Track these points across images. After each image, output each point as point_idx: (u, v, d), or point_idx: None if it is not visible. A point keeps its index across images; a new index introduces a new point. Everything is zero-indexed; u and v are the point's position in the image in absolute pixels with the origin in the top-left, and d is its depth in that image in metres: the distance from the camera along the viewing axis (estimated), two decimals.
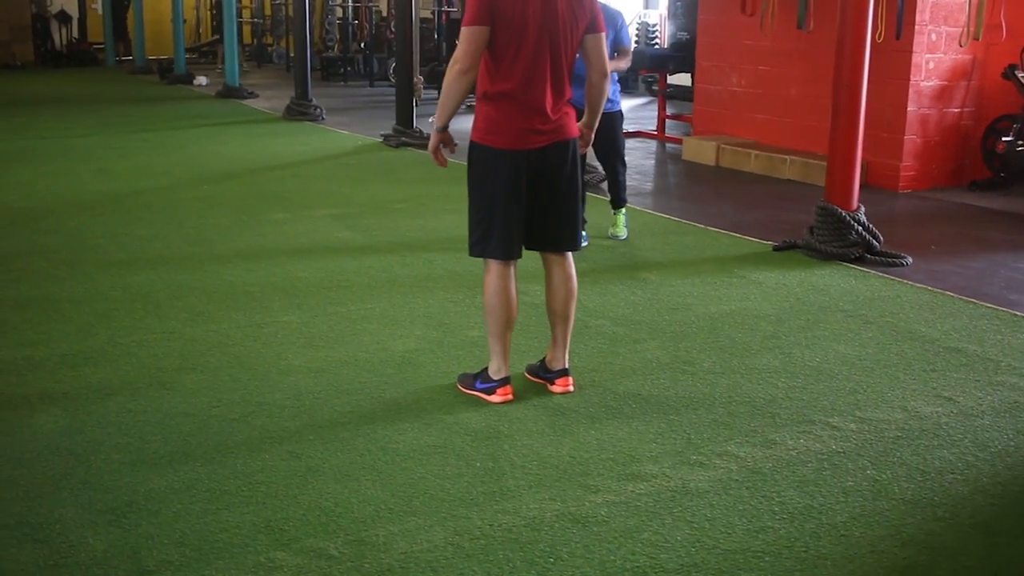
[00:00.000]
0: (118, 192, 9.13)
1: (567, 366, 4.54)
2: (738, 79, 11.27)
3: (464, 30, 4.12)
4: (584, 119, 4.52)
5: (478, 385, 4.46)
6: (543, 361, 4.60)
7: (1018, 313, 5.76)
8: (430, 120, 4.36)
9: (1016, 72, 9.31)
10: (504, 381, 4.41)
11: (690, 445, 3.99)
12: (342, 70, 21.14)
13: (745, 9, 10.44)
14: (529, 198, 4.30)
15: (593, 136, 4.61)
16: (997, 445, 4.04)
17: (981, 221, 8.34)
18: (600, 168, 9.42)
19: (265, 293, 6.00)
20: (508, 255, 4.30)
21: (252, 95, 17.34)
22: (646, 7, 19.21)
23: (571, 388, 4.51)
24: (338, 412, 4.29)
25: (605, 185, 7.73)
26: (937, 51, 9.34)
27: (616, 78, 7.13)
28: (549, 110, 4.24)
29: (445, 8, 18.01)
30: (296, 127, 13.92)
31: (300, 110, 14.63)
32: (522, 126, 4.21)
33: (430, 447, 3.96)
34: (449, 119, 4.31)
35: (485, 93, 4.25)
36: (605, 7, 6.48)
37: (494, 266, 4.33)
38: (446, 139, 4.38)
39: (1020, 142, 9.17)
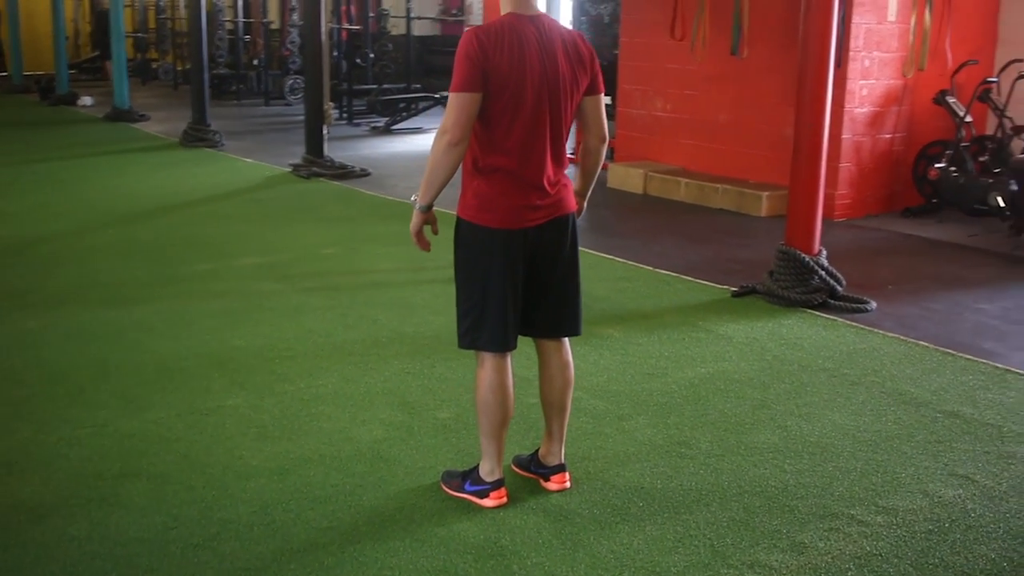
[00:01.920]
0: (17, 240, 8.39)
1: (563, 461, 4.12)
2: (663, 103, 11.01)
3: (453, 96, 3.62)
4: (578, 187, 4.10)
5: (468, 487, 4.01)
6: (535, 455, 4.17)
7: (999, 365, 5.55)
8: (412, 199, 3.88)
9: (947, 97, 9.23)
10: (498, 483, 3.96)
11: (716, 555, 3.61)
12: (234, 88, 20.36)
13: (674, 33, 10.17)
14: (526, 280, 3.86)
15: (584, 207, 4.19)
16: None
17: (927, 253, 8.19)
18: None
19: (202, 369, 5.45)
20: (505, 347, 3.85)
21: (143, 117, 16.52)
22: None
23: (568, 485, 4.09)
24: (315, 529, 3.79)
25: None
26: (870, 77, 9.20)
27: None
28: (548, 184, 3.79)
29: (344, 25, 17.42)
30: (196, 155, 13.23)
31: (198, 135, 13.92)
32: (519, 203, 3.75)
33: (430, 572, 3.50)
34: (435, 198, 3.81)
35: (476, 165, 3.77)
36: None
37: (489, 360, 3.88)
38: (430, 219, 3.89)
39: (953, 168, 9.07)
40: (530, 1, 3.74)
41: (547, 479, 4.09)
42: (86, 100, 18.79)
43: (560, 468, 4.10)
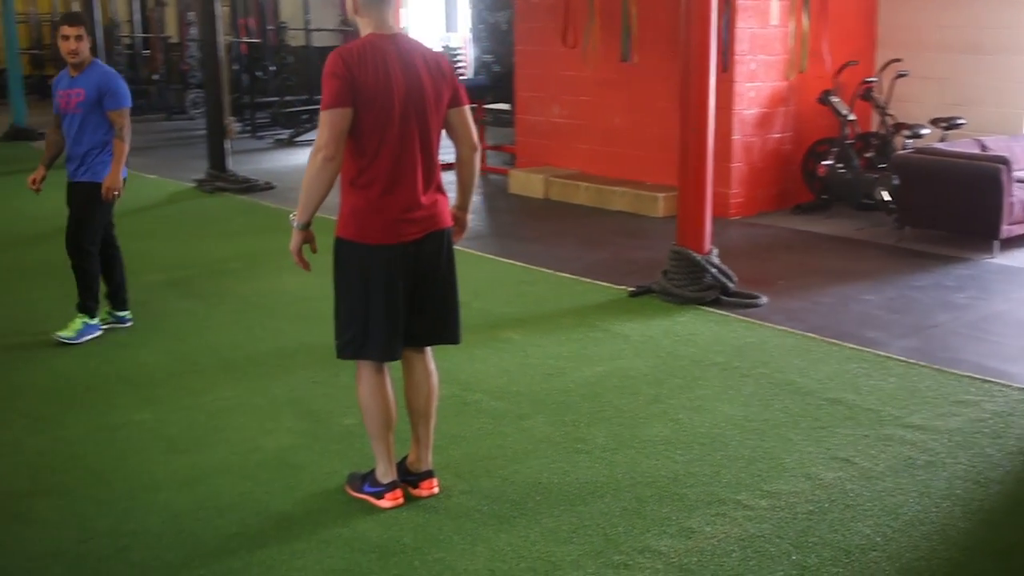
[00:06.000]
0: None
1: (431, 467, 4.24)
2: (560, 109, 11.24)
3: (324, 114, 3.74)
4: (457, 201, 4.22)
5: (366, 488, 4.15)
6: (403, 461, 4.26)
7: (880, 353, 5.85)
8: (291, 217, 3.95)
9: (831, 97, 9.59)
10: (392, 485, 4.11)
11: (608, 543, 3.81)
12: (135, 103, 20.12)
13: (566, 40, 10.40)
14: (406, 293, 3.96)
15: (469, 220, 4.34)
16: (907, 512, 4.02)
17: (816, 248, 8.52)
18: None
19: (109, 385, 5.51)
20: (391, 356, 4.01)
21: (41, 136, 16.24)
22: (447, 30, 19.07)
23: (436, 490, 4.20)
24: (224, 535, 3.91)
25: None
26: (756, 79, 9.53)
27: (105, 141, 6.14)
28: (421, 197, 3.91)
29: (244, 39, 17.37)
30: None
31: None
32: (394, 217, 3.86)
33: (335, 572, 3.65)
34: (312, 215, 3.89)
35: (350, 182, 3.88)
36: (105, 71, 6.26)
37: (367, 368, 4.02)
38: (309, 238, 3.96)
39: (840, 165, 9.45)
40: (388, 21, 3.88)
41: (416, 486, 4.20)
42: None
43: (428, 474, 4.22)
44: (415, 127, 3.87)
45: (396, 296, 3.91)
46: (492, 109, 13.38)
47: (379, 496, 4.11)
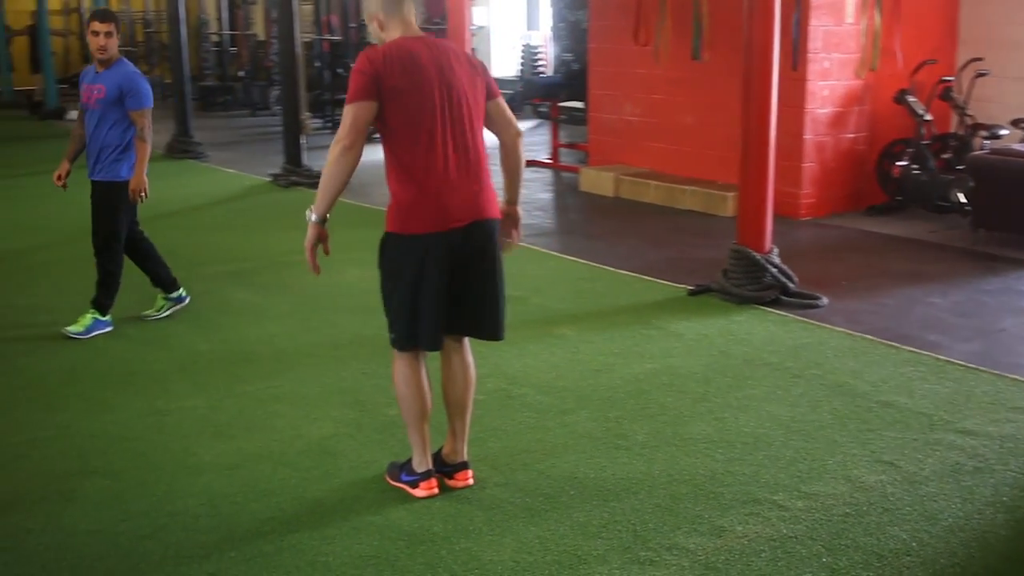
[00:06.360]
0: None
1: (466, 458, 4.25)
2: (632, 108, 11.19)
3: (346, 108, 3.78)
4: (507, 195, 4.23)
5: (403, 477, 4.19)
6: (439, 453, 4.28)
7: (940, 357, 5.71)
8: (307, 211, 3.97)
9: (907, 96, 9.39)
10: (427, 474, 4.14)
11: (637, 539, 3.79)
12: (221, 99, 20.54)
13: (638, 38, 10.35)
14: (449, 283, 3.97)
15: (520, 214, 4.33)
16: (947, 518, 3.92)
17: (886, 250, 8.36)
18: None
19: (165, 372, 5.64)
20: (435, 346, 4.03)
21: None
22: (528, 28, 19.11)
23: (471, 482, 4.22)
24: (258, 519, 3.98)
25: None
26: (830, 78, 9.37)
27: (123, 141, 6.23)
28: (464, 186, 3.92)
29: (326, 36, 17.61)
30: (180, 167, 13.41)
31: (183, 147, 14.12)
32: (436, 205, 3.87)
33: (363, 558, 3.68)
34: (329, 208, 3.91)
35: (395, 177, 3.91)
36: (129, 70, 6.30)
37: (403, 357, 4.06)
38: (323, 235, 3.95)
39: (915, 166, 9.26)
40: (412, 25, 3.94)
41: (451, 477, 4.22)
42: (74, 115, 18.94)
43: (463, 466, 4.23)
44: (453, 117, 3.88)
45: (439, 285, 3.92)
46: (566, 107, 13.36)
47: (414, 485, 4.14)
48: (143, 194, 6.21)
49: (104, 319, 6.29)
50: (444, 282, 3.93)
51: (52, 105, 19.45)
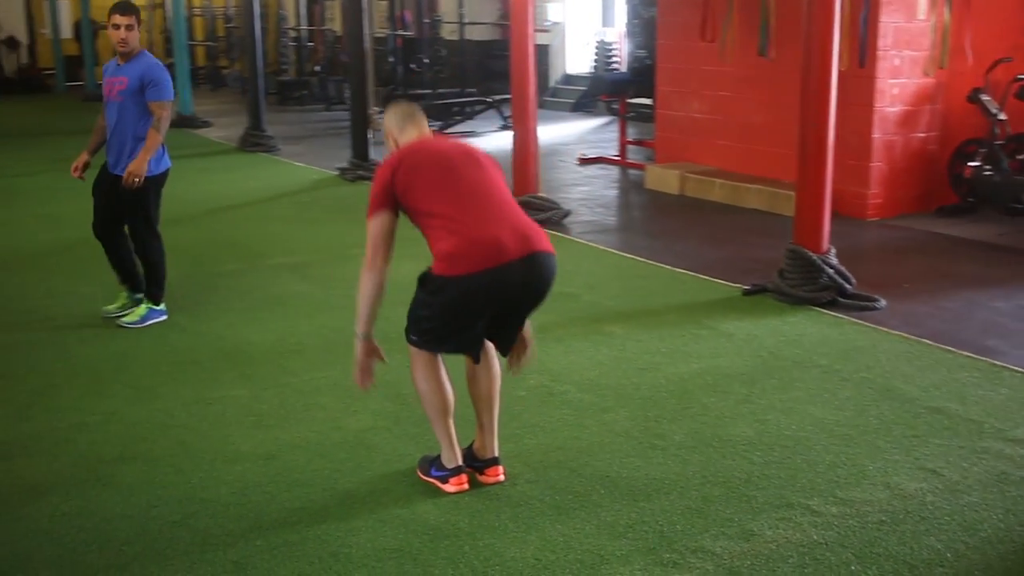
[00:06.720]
0: (67, 242, 8.72)
1: (497, 454, 4.23)
2: (699, 105, 11.07)
3: (368, 224, 3.96)
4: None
5: (433, 472, 4.19)
6: (471, 448, 4.28)
7: (997, 363, 5.56)
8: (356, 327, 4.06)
9: (981, 96, 9.15)
10: (457, 470, 4.13)
11: (663, 540, 3.74)
12: (298, 94, 20.77)
13: (704, 35, 10.24)
14: (492, 314, 3.96)
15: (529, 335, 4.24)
16: (987, 528, 3.81)
17: (952, 252, 8.16)
18: (560, 205, 9.20)
19: (214, 362, 5.71)
20: (470, 355, 4.10)
21: (206, 124, 16.98)
22: (603, 25, 19.01)
23: (502, 478, 4.20)
24: (287, 509, 4.01)
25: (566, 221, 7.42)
26: (901, 76, 9.17)
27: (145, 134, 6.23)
28: (505, 225, 3.89)
29: (399, 32, 17.71)
30: (251, 159, 13.60)
31: (255, 140, 14.30)
32: (482, 245, 3.81)
33: (386, 551, 3.69)
34: (371, 323, 3.99)
35: (436, 238, 3.88)
36: (151, 62, 6.28)
37: (422, 353, 4.06)
38: (372, 349, 4.03)
39: (988, 167, 9.02)
40: (426, 132, 4.17)
41: (481, 472, 4.21)
42: None
43: (494, 461, 4.22)
44: (470, 173, 3.98)
45: (483, 317, 3.93)
46: (634, 104, 13.27)
47: (444, 480, 4.14)
48: (136, 180, 6.09)
49: (158, 308, 6.39)
50: (487, 314, 3.94)
51: None
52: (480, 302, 3.86)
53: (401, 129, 4.16)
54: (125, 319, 6.31)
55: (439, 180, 3.92)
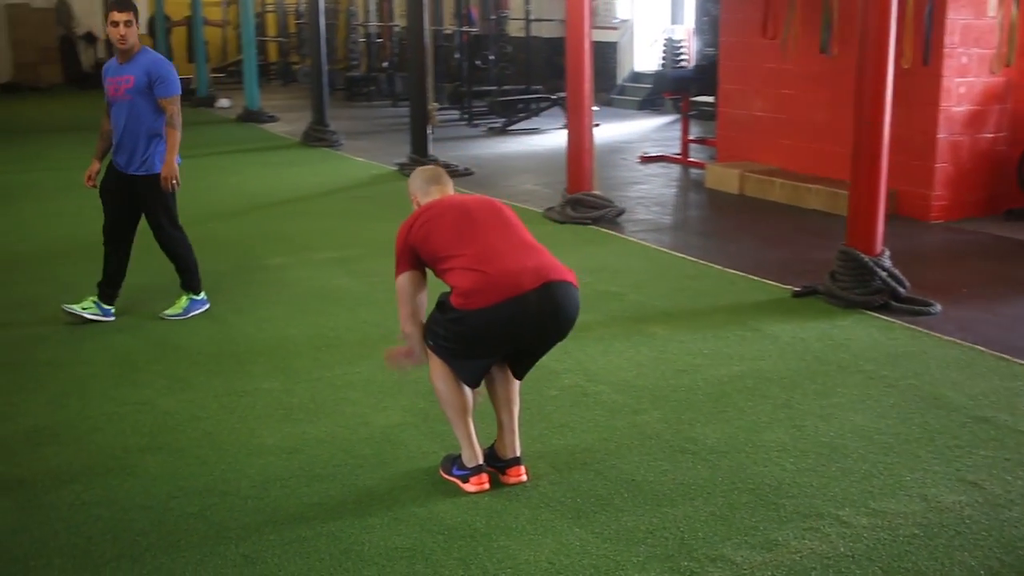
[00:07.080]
0: None
1: (519, 454, 4.16)
2: (762, 103, 10.87)
3: (396, 283, 4.07)
4: None
5: (455, 471, 4.13)
6: (493, 447, 4.21)
7: None
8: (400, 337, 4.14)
9: None
10: (478, 469, 4.07)
11: (682, 547, 3.63)
12: (366, 89, 20.87)
13: (766, 32, 10.04)
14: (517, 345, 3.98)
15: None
16: None
17: (1016, 257, 7.89)
18: (614, 203, 9.09)
19: (251, 354, 5.71)
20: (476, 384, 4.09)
21: (272, 119, 17.12)
22: (672, 22, 18.80)
23: (524, 478, 4.12)
24: (304, 504, 3.97)
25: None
26: (968, 74, 8.89)
27: (155, 131, 6.16)
28: (523, 258, 3.88)
29: (466, 28, 17.69)
30: (313, 154, 13.66)
31: (317, 135, 14.38)
32: (500, 279, 3.80)
33: (398, 549, 3.63)
34: (418, 323, 4.08)
35: (458, 279, 3.86)
36: (154, 57, 6.21)
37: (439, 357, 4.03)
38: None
39: None
40: (448, 191, 4.22)
41: (503, 472, 4.14)
42: (223, 102, 19.56)
43: (516, 461, 4.14)
44: (489, 220, 3.99)
45: (489, 358, 3.96)
46: (697, 102, 13.09)
47: (465, 480, 4.08)
48: (175, 183, 6.10)
49: (199, 298, 6.40)
50: (503, 353, 3.99)
51: (202, 93, 20.07)
52: (495, 336, 3.84)
53: (425, 192, 4.21)
54: (167, 311, 6.33)
55: (457, 226, 3.93)
